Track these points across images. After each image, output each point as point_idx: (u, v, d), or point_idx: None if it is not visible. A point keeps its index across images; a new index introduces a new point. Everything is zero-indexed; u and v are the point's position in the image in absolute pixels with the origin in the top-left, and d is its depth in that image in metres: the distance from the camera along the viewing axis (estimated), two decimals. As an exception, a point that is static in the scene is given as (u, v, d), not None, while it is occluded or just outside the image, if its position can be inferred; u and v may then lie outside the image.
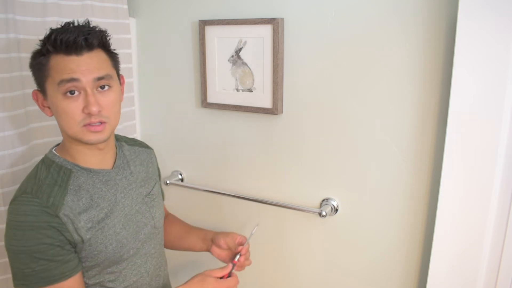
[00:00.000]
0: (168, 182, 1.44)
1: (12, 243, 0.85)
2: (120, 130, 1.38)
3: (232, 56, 1.25)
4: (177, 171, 1.48)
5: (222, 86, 1.29)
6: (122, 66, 1.36)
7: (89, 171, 0.94)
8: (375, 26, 1.05)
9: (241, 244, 1.14)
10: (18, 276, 0.86)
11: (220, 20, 1.24)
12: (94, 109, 0.85)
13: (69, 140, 0.92)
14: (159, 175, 1.19)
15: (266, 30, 1.16)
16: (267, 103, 1.22)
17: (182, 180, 1.48)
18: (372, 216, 1.15)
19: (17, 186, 1.10)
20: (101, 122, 0.88)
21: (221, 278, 1.02)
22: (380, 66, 1.06)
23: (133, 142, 1.13)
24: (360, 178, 1.15)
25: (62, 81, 0.84)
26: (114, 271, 0.96)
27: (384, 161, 1.10)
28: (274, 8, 1.17)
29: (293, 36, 1.16)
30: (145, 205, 1.04)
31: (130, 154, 1.07)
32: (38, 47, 0.88)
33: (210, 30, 1.26)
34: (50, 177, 0.90)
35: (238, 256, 1.10)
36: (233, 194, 1.36)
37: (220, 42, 1.26)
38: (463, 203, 0.96)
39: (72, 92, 0.85)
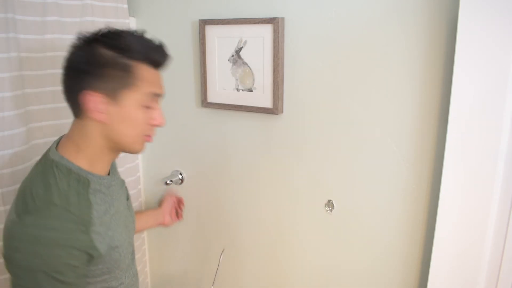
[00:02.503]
0: (168, 182, 1.44)
1: (31, 261, 0.75)
2: (120, 130, 1.38)
3: (232, 56, 1.25)
4: (177, 171, 1.48)
5: (222, 85, 1.29)
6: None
7: (98, 177, 0.89)
8: (375, 26, 1.05)
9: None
10: None
11: (220, 19, 1.23)
12: (164, 123, 0.90)
13: (102, 148, 0.87)
14: None
15: (266, 30, 1.16)
16: (268, 103, 1.21)
17: (182, 180, 1.48)
18: (372, 216, 1.15)
19: (17, 186, 1.10)
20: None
21: None
22: (381, 66, 1.06)
23: None
24: (360, 178, 1.15)
25: (155, 94, 0.87)
26: (117, 276, 0.94)
27: (384, 161, 1.10)
28: (274, 8, 1.17)
29: (294, 35, 1.16)
30: (128, 209, 1.03)
31: None
32: (116, 48, 0.81)
33: (210, 30, 1.26)
34: (72, 188, 0.82)
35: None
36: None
37: (220, 41, 1.26)
38: (464, 203, 0.96)
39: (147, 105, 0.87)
